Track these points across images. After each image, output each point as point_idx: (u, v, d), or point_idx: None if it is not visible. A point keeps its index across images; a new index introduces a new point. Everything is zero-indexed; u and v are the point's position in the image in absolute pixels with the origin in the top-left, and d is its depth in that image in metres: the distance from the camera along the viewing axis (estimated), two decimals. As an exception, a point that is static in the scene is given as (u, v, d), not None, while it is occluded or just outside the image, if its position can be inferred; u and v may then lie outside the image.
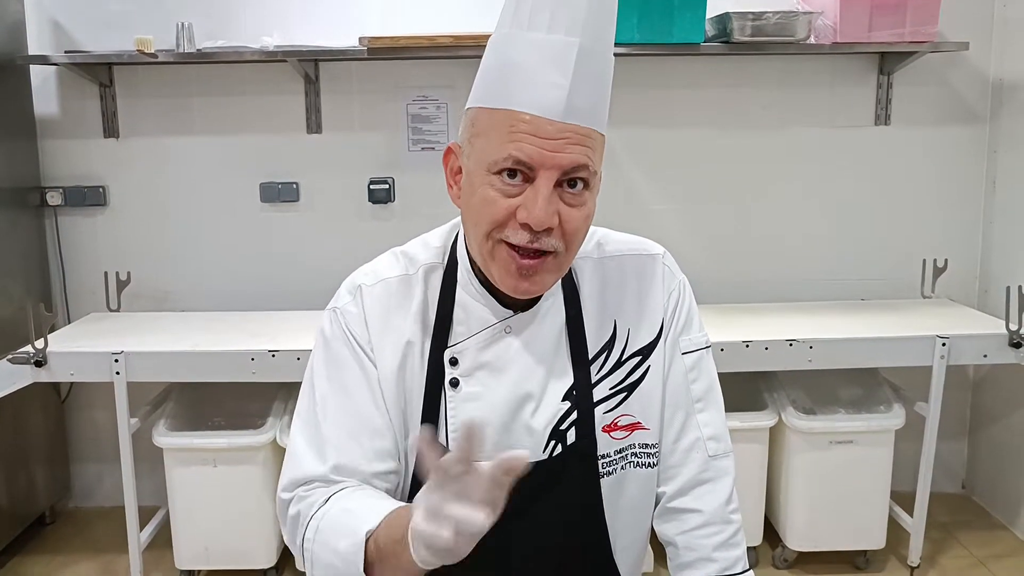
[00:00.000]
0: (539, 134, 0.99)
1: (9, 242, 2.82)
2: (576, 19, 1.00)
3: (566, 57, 0.99)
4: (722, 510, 1.17)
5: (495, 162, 1.01)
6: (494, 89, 1.03)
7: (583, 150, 1.01)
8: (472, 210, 1.06)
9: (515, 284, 1.06)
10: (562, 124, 0.99)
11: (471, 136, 1.06)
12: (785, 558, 2.78)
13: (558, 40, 1.00)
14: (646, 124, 3.03)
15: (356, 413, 1.12)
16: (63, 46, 2.93)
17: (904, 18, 2.70)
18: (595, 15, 1.01)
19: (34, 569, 2.83)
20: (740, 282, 3.10)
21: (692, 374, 1.19)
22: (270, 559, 2.67)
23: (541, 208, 1.00)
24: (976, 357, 2.58)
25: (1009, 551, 2.89)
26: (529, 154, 0.99)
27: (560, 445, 1.14)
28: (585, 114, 1.01)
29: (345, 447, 1.10)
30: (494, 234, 1.04)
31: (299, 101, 3.01)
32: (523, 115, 0.99)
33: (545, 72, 0.99)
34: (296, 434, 1.15)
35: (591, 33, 1.01)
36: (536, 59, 1.00)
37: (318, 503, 1.07)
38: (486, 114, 1.03)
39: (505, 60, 1.02)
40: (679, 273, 1.23)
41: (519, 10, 1.02)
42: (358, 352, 1.13)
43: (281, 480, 1.13)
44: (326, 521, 1.04)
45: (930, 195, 3.12)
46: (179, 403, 2.74)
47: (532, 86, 1.00)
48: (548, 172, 1.00)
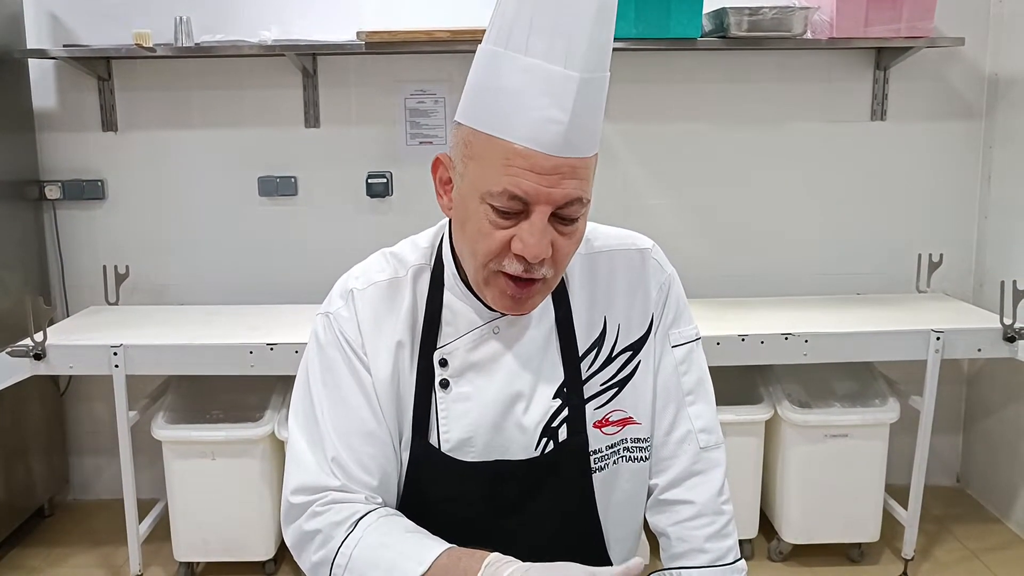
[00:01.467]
0: (535, 169, 0.97)
1: (8, 236, 2.83)
2: (576, 52, 0.96)
3: (565, 91, 0.96)
4: (714, 501, 1.18)
5: (490, 192, 1.00)
6: (489, 113, 1.00)
7: (577, 184, 1.00)
8: (467, 237, 1.06)
9: (508, 307, 1.08)
10: (558, 159, 0.97)
11: (464, 156, 1.03)
12: (780, 551, 2.80)
13: (556, 72, 0.96)
14: (643, 119, 3.04)
15: (352, 418, 1.12)
16: (61, 40, 2.94)
17: (900, 13, 2.71)
18: (595, 46, 0.97)
19: (33, 561, 2.84)
20: (736, 276, 3.11)
21: (683, 367, 1.20)
22: (268, 551, 2.68)
23: (536, 243, 1.00)
24: (970, 351, 2.59)
25: (1003, 544, 2.90)
26: (525, 189, 0.98)
27: (552, 442, 1.15)
28: (583, 145, 0.99)
29: (343, 451, 1.11)
30: (491, 265, 1.04)
31: (297, 95, 3.02)
32: (519, 147, 0.97)
33: (543, 105, 0.96)
34: (296, 436, 1.15)
35: (592, 65, 0.97)
36: (532, 87, 0.97)
37: (345, 525, 1.07)
38: (482, 139, 1.00)
39: (499, 83, 0.99)
40: (668, 266, 1.23)
41: (514, 31, 0.98)
42: (351, 358, 1.13)
43: (289, 483, 1.13)
44: (361, 551, 1.04)
45: (926, 190, 3.13)
46: (178, 396, 2.75)
47: (529, 120, 0.97)
48: (543, 207, 0.99)
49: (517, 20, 0.98)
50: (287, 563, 2.76)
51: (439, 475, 1.14)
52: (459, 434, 1.13)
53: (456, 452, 1.13)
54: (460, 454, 1.13)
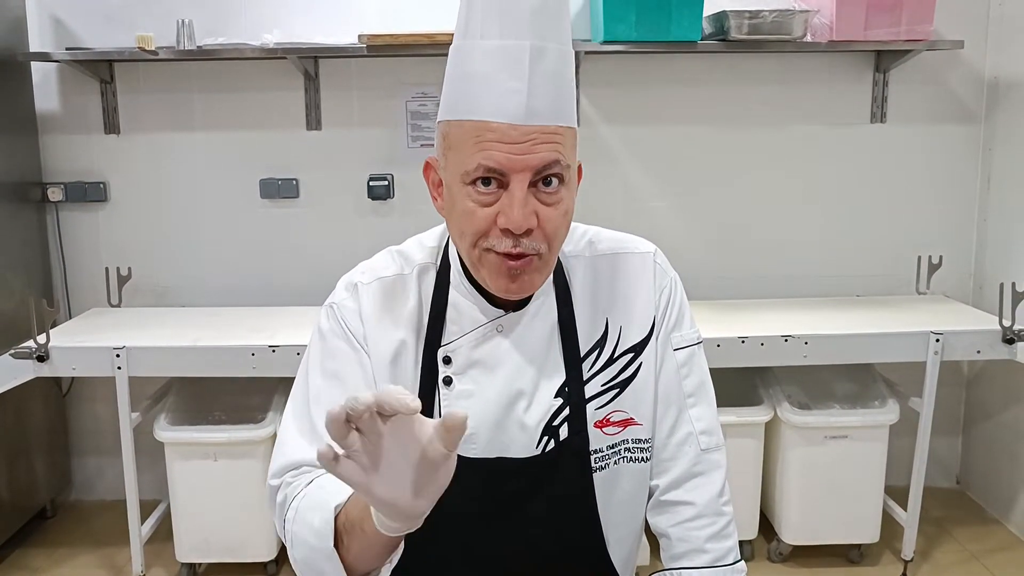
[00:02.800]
0: (505, 140, 1.00)
1: (10, 237, 2.84)
2: (521, 21, 1.01)
3: (519, 60, 1.01)
4: (714, 502, 1.19)
5: (467, 172, 1.03)
6: (458, 101, 1.04)
7: (552, 147, 1.02)
8: (455, 222, 1.08)
9: (505, 286, 1.08)
10: (526, 127, 1.00)
11: (444, 150, 1.07)
12: (780, 552, 2.81)
13: (510, 45, 1.01)
14: (643, 121, 3.05)
15: None
16: (64, 43, 2.95)
17: (900, 16, 2.72)
18: (539, 14, 1.02)
19: (35, 562, 2.85)
20: (736, 278, 3.12)
21: (684, 370, 1.21)
22: (270, 552, 2.69)
23: (518, 211, 1.01)
24: (970, 353, 2.60)
25: (1002, 545, 2.91)
26: (498, 160, 1.01)
27: (553, 441, 1.15)
28: (548, 114, 1.02)
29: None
30: (480, 243, 1.06)
31: (299, 98, 3.03)
32: (488, 124, 1.01)
33: (502, 79, 1.01)
34: (287, 423, 1.17)
35: (539, 32, 1.02)
36: (492, 66, 1.01)
37: (301, 485, 1.09)
38: (455, 127, 1.04)
39: (463, 71, 1.04)
40: (671, 271, 1.24)
41: (470, 20, 1.04)
42: (354, 345, 1.15)
43: (270, 468, 1.15)
44: (305, 501, 1.06)
45: (925, 192, 3.13)
46: (180, 397, 2.76)
47: (492, 94, 1.01)
48: (520, 175, 1.01)
49: (471, 10, 1.04)
50: (288, 564, 2.77)
51: None
52: None
53: (457, 449, 1.14)
54: (462, 451, 1.13)
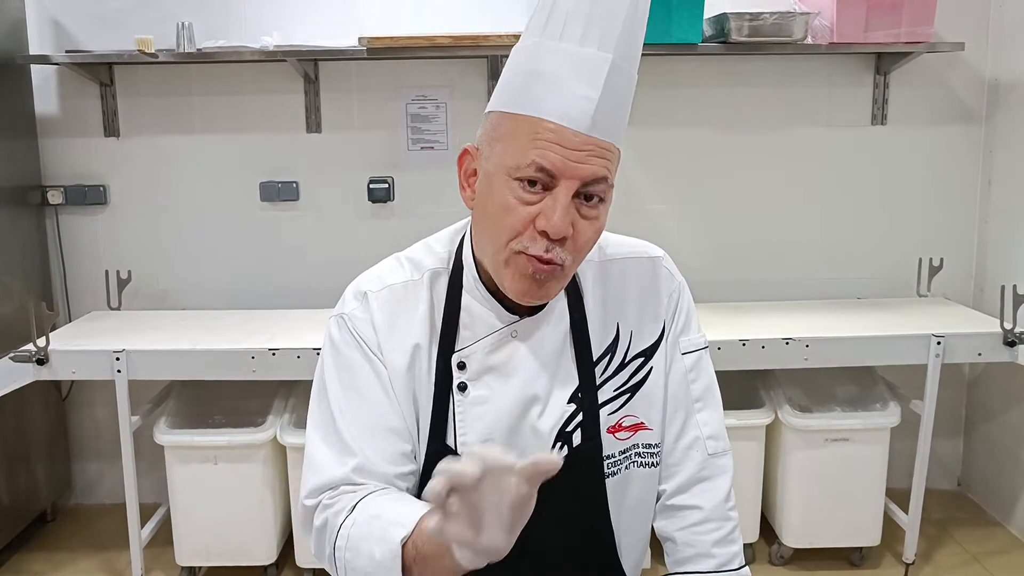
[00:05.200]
0: (563, 143, 1.00)
1: (10, 241, 2.83)
2: (611, 35, 1.01)
3: (598, 71, 1.00)
4: (721, 507, 1.19)
5: (517, 166, 1.01)
6: (520, 95, 1.03)
7: (603, 163, 1.02)
8: (489, 216, 1.06)
9: (526, 289, 1.07)
10: (586, 136, 1.00)
11: (492, 140, 1.06)
12: (781, 555, 2.80)
13: (591, 54, 1.01)
14: (644, 124, 3.03)
15: (372, 414, 1.12)
16: (64, 46, 2.94)
17: (900, 18, 2.72)
18: (628, 32, 1.02)
19: (36, 566, 2.84)
20: (737, 281, 3.12)
21: (691, 374, 1.21)
22: (270, 556, 2.68)
23: (559, 217, 1.01)
24: (971, 355, 2.60)
25: (1003, 548, 2.91)
26: (552, 162, 1.00)
27: (566, 447, 1.15)
28: (608, 128, 1.02)
29: (365, 448, 1.10)
30: (512, 244, 1.04)
31: (299, 100, 3.03)
32: (548, 123, 1.00)
33: (574, 84, 1.00)
34: (314, 440, 1.14)
35: (623, 51, 1.02)
36: (566, 70, 1.01)
37: (345, 511, 1.06)
38: (510, 119, 1.03)
39: (533, 68, 1.03)
40: (678, 275, 1.24)
41: (551, 21, 1.03)
42: (369, 355, 1.13)
43: (303, 488, 1.13)
44: (356, 529, 1.03)
45: (926, 194, 3.13)
46: (180, 401, 2.76)
47: (560, 96, 1.00)
48: (569, 182, 1.01)
49: (555, 11, 1.03)
50: (289, 567, 2.77)
51: None
52: (476, 437, 1.13)
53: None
54: None
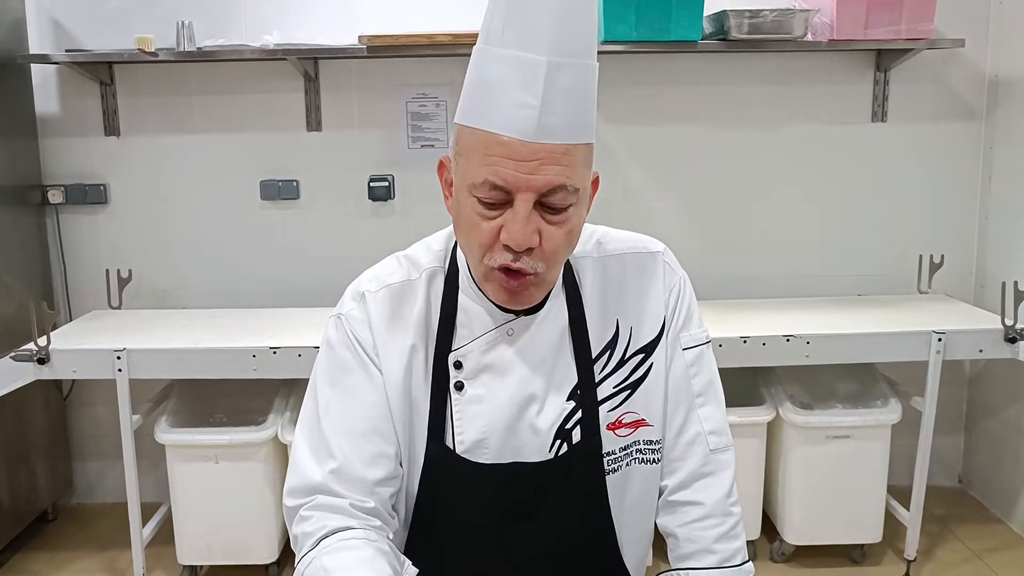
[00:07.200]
0: (513, 156, 0.98)
1: (11, 240, 2.83)
2: (541, 37, 0.97)
3: (535, 76, 0.97)
4: (723, 503, 1.19)
5: (474, 185, 1.01)
6: (472, 107, 1.02)
7: (560, 170, 0.99)
8: (462, 229, 1.07)
9: (507, 300, 1.08)
10: (536, 144, 0.97)
11: (456, 153, 1.06)
12: (782, 552, 2.80)
13: (527, 58, 0.98)
14: (643, 121, 3.05)
15: (358, 415, 1.12)
16: (64, 45, 2.94)
17: (900, 15, 2.71)
18: (563, 30, 0.98)
19: (37, 565, 2.84)
20: (737, 278, 3.12)
21: (693, 369, 1.21)
22: (272, 554, 2.68)
23: (519, 231, 1.00)
24: (972, 352, 2.59)
25: (1005, 544, 2.91)
26: (504, 177, 0.99)
27: (566, 444, 1.15)
28: (561, 131, 0.99)
29: (345, 449, 1.10)
30: (486, 260, 1.04)
31: (299, 99, 3.02)
32: (498, 137, 0.98)
33: (515, 92, 0.98)
34: (298, 438, 1.15)
35: (560, 49, 0.98)
36: (508, 77, 0.98)
37: (315, 534, 1.06)
38: (468, 132, 1.02)
39: (482, 77, 1.01)
40: (679, 269, 1.24)
41: (492, 25, 1.01)
42: (363, 357, 1.13)
43: (286, 483, 1.14)
44: (311, 570, 1.04)
45: (926, 191, 3.13)
46: (181, 400, 2.76)
47: (504, 107, 0.98)
48: (524, 195, 0.99)
49: (495, 15, 1.01)
50: (290, 566, 2.76)
51: (454, 477, 1.14)
52: (473, 436, 1.13)
53: (470, 454, 1.13)
54: (475, 456, 1.14)
